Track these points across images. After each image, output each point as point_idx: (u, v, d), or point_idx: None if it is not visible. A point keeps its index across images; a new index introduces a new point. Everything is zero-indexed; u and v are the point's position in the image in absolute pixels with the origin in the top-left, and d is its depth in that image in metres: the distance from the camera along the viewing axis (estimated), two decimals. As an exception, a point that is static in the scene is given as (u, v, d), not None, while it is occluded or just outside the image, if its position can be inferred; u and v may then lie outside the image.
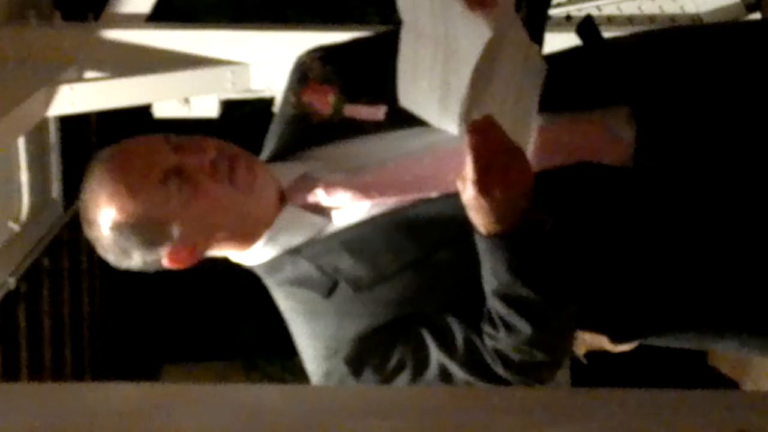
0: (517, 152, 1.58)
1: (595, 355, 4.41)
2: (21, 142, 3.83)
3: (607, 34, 1.85)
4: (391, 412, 0.89)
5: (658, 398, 0.92)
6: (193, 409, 0.89)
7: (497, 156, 1.56)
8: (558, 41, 1.83)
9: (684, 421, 0.89)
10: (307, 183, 1.78)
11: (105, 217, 1.72)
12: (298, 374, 1.83)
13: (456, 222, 1.66)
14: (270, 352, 5.54)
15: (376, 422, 0.87)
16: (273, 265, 1.80)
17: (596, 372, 4.47)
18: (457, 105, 1.59)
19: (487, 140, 1.55)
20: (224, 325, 5.79)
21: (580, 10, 3.87)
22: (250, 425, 0.87)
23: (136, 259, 1.75)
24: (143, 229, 1.71)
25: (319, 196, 1.77)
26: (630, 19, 3.90)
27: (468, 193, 1.57)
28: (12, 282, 3.96)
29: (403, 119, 1.77)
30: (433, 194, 1.74)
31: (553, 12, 1.98)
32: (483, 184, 1.56)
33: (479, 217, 1.60)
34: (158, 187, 1.70)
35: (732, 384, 4.61)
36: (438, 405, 0.91)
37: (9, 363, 4.18)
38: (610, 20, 3.89)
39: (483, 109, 1.56)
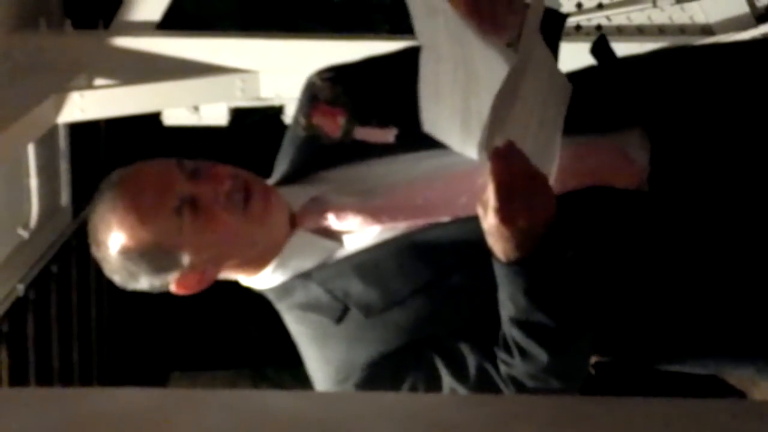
0: (541, 179, 1.56)
1: (603, 364, 4.40)
2: (31, 149, 3.84)
3: (617, 44, 1.84)
4: (400, 419, 0.89)
5: (665, 407, 0.91)
6: (202, 414, 0.89)
7: (520, 183, 1.53)
8: (567, 51, 1.83)
9: (691, 430, 0.89)
10: (318, 207, 1.77)
11: (115, 240, 1.71)
12: (307, 383, 1.83)
13: (468, 246, 1.65)
14: (278, 361, 5.54)
15: (385, 428, 0.87)
16: (284, 289, 1.78)
17: (603, 381, 4.46)
18: (478, 130, 1.56)
19: (510, 167, 1.52)
20: (232, 333, 5.79)
21: (589, 19, 3.87)
22: (257, 431, 0.87)
23: (143, 283, 1.74)
24: (153, 255, 1.70)
25: (329, 220, 1.76)
26: (640, 29, 3.90)
27: (489, 221, 1.54)
28: (21, 288, 3.97)
29: (413, 142, 1.74)
30: (445, 218, 1.72)
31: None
32: (506, 213, 1.53)
33: (499, 245, 1.57)
34: (171, 216, 1.69)
35: (740, 394, 4.60)
36: (446, 412, 0.91)
37: (18, 368, 4.19)
38: (620, 30, 3.89)
39: (505, 135, 1.53)
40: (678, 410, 0.92)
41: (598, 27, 3.85)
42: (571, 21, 3.88)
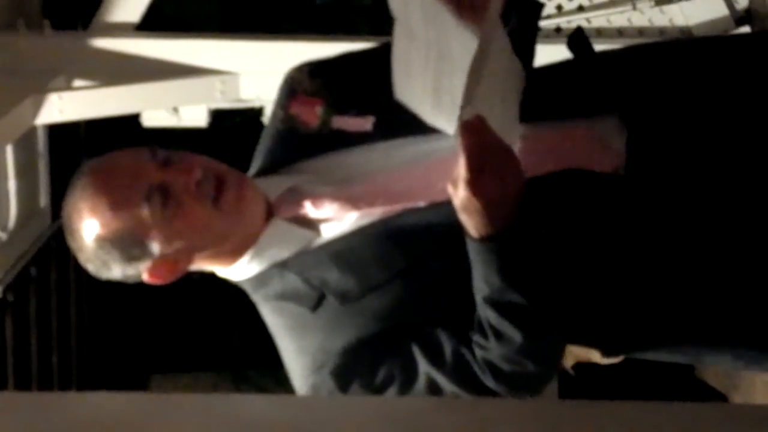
0: (509, 152, 1.58)
1: (582, 367, 4.41)
2: (9, 151, 3.82)
3: (597, 46, 1.85)
4: (380, 423, 0.88)
5: (645, 410, 0.91)
6: (182, 419, 0.88)
7: (490, 156, 1.56)
8: (547, 53, 1.83)
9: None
10: (295, 196, 1.77)
11: (86, 228, 1.71)
12: (288, 385, 1.82)
13: (444, 231, 1.66)
14: (260, 363, 5.53)
15: (364, 433, 0.87)
16: (260, 279, 1.78)
17: (584, 384, 4.47)
18: (449, 106, 1.58)
19: (480, 140, 1.55)
20: (213, 335, 5.78)
21: (569, 21, 3.88)
22: (237, 436, 0.86)
23: (115, 272, 1.74)
24: (123, 243, 1.71)
25: (306, 208, 1.76)
26: (619, 32, 3.91)
27: (460, 193, 1.56)
28: (-1, 291, 3.95)
29: (391, 130, 1.76)
30: (421, 204, 1.73)
31: (542, 24, 1.99)
32: (476, 184, 1.55)
33: (471, 220, 1.59)
34: (140, 204, 1.69)
35: (720, 397, 4.62)
36: (426, 416, 0.91)
37: (-4, 372, 4.17)
38: (600, 32, 3.90)
39: (473, 111, 1.56)
40: (657, 413, 0.92)
41: (578, 29, 3.85)
42: (551, 23, 3.89)
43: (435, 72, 1.61)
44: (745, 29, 3.77)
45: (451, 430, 0.88)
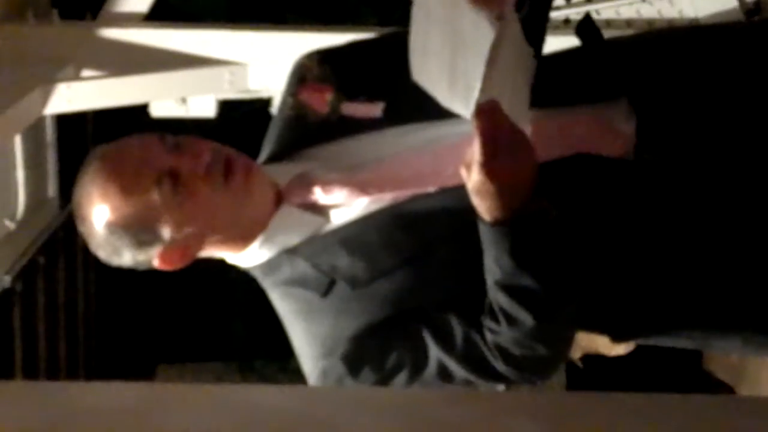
0: (523, 136, 1.59)
1: (590, 359, 4.42)
2: (17, 140, 3.83)
3: (606, 37, 1.85)
4: (389, 414, 0.88)
5: (653, 402, 0.91)
6: (189, 409, 0.88)
7: (505, 139, 1.56)
8: (556, 44, 1.83)
9: (679, 426, 0.89)
10: (304, 182, 1.78)
11: (97, 215, 1.72)
12: (294, 375, 1.83)
13: (454, 216, 1.67)
14: (266, 353, 5.54)
15: (374, 423, 0.87)
16: (270, 265, 1.79)
17: (591, 376, 4.47)
18: (464, 88, 1.59)
19: (495, 124, 1.56)
20: (220, 325, 5.79)
21: (578, 13, 3.87)
22: (245, 426, 0.86)
23: (126, 258, 1.75)
24: (134, 229, 1.71)
25: (316, 194, 1.77)
26: (628, 23, 3.90)
27: (474, 177, 1.57)
28: (7, 280, 3.96)
29: (400, 116, 1.77)
30: (431, 189, 1.74)
31: (551, 15, 1.99)
32: (491, 167, 1.56)
33: (485, 203, 1.59)
34: (150, 189, 1.70)
35: (727, 389, 4.62)
36: (436, 407, 0.91)
37: (3, 361, 4.18)
38: (609, 24, 3.89)
39: (489, 95, 1.57)
40: (664, 405, 0.92)
41: (587, 20, 3.85)
42: (560, 14, 3.88)
43: (451, 53, 1.62)
44: (755, 21, 3.76)
45: (461, 422, 0.88)
